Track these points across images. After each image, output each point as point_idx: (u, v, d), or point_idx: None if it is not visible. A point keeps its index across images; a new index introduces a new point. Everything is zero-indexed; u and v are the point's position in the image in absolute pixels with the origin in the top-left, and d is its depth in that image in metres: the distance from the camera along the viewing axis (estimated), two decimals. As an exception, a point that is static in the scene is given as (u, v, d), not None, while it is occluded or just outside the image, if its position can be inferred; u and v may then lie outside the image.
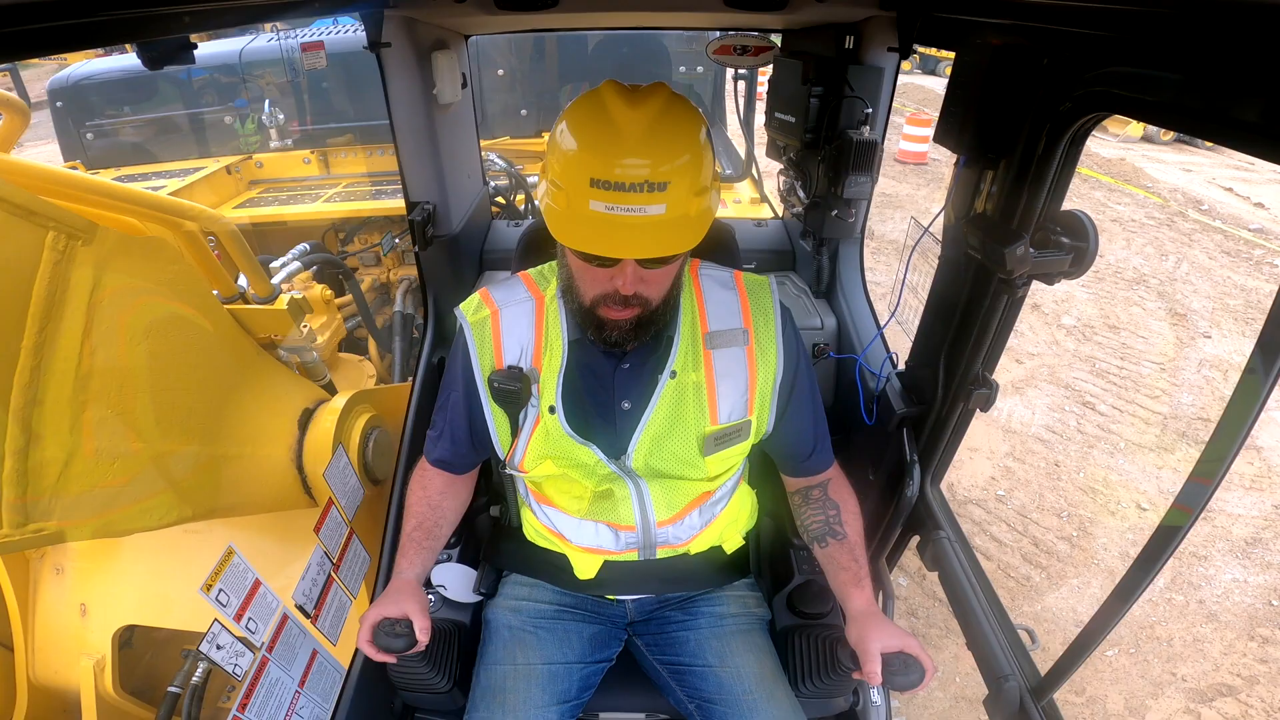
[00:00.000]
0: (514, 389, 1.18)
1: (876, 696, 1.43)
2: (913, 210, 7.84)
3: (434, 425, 1.35)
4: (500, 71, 4.21)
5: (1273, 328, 0.69)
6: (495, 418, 1.25)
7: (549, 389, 1.19)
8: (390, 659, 1.14)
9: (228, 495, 1.51)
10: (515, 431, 1.24)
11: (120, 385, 1.16)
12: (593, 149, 0.94)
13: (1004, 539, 3.41)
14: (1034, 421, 4.23)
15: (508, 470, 1.31)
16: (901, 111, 10.88)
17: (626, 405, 1.20)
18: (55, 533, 1.04)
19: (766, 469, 1.68)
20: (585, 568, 1.34)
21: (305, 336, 1.94)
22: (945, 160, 9.30)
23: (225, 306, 1.65)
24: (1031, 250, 1.00)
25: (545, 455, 1.22)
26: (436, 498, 1.34)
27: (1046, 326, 5.37)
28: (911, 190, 8.78)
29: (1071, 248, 1.00)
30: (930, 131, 9.46)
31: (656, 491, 1.25)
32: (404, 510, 1.34)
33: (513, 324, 1.22)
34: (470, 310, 1.25)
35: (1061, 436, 4.12)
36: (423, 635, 1.13)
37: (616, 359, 1.19)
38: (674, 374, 1.18)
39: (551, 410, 1.19)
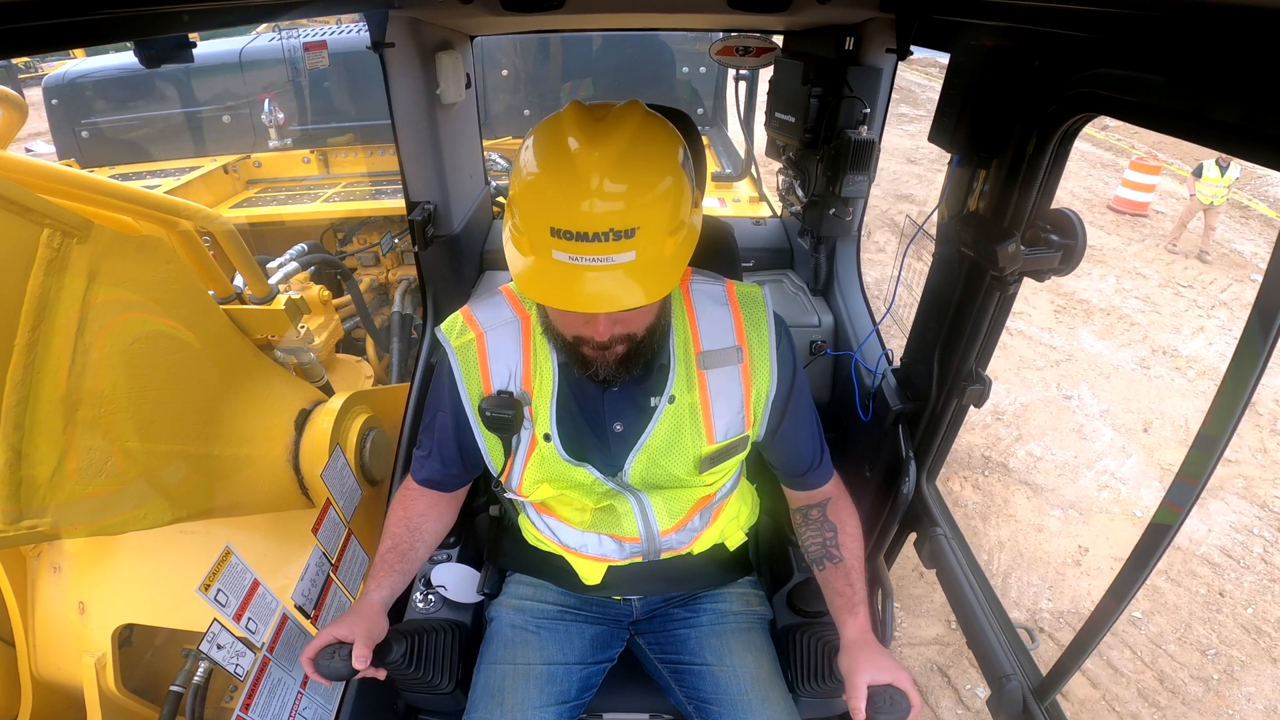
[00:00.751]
0: (506, 416, 1.13)
1: None
2: (1119, 268, 7.11)
3: (420, 445, 1.30)
4: (504, 72, 4.22)
5: (1252, 332, 0.70)
6: (488, 443, 1.22)
7: (542, 415, 1.16)
8: (327, 684, 1.11)
9: (223, 495, 1.50)
10: (509, 454, 1.21)
11: (113, 384, 1.15)
12: (552, 194, 0.86)
13: (1123, 667, 2.88)
14: (1207, 540, 3.61)
15: (506, 494, 1.30)
16: (1127, 154, 9.86)
17: (618, 428, 1.18)
18: (50, 530, 1.04)
19: (764, 467, 1.69)
20: (590, 574, 1.33)
21: (302, 337, 1.93)
22: (1168, 214, 8.44)
23: (222, 307, 1.64)
24: (1023, 248, 1.02)
25: (542, 479, 1.20)
26: (416, 519, 1.29)
27: (1257, 430, 4.54)
28: (1121, 245, 7.79)
29: (1061, 245, 1.01)
30: (1157, 180, 8.16)
31: (658, 502, 1.25)
32: (383, 529, 1.30)
33: (499, 347, 1.17)
34: (454, 333, 1.19)
35: (1238, 563, 3.48)
36: (359, 663, 1.06)
37: (606, 382, 1.16)
38: (673, 399, 1.15)
39: (547, 438, 1.17)
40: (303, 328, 1.90)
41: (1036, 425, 4.43)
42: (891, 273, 1.48)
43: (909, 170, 9.79)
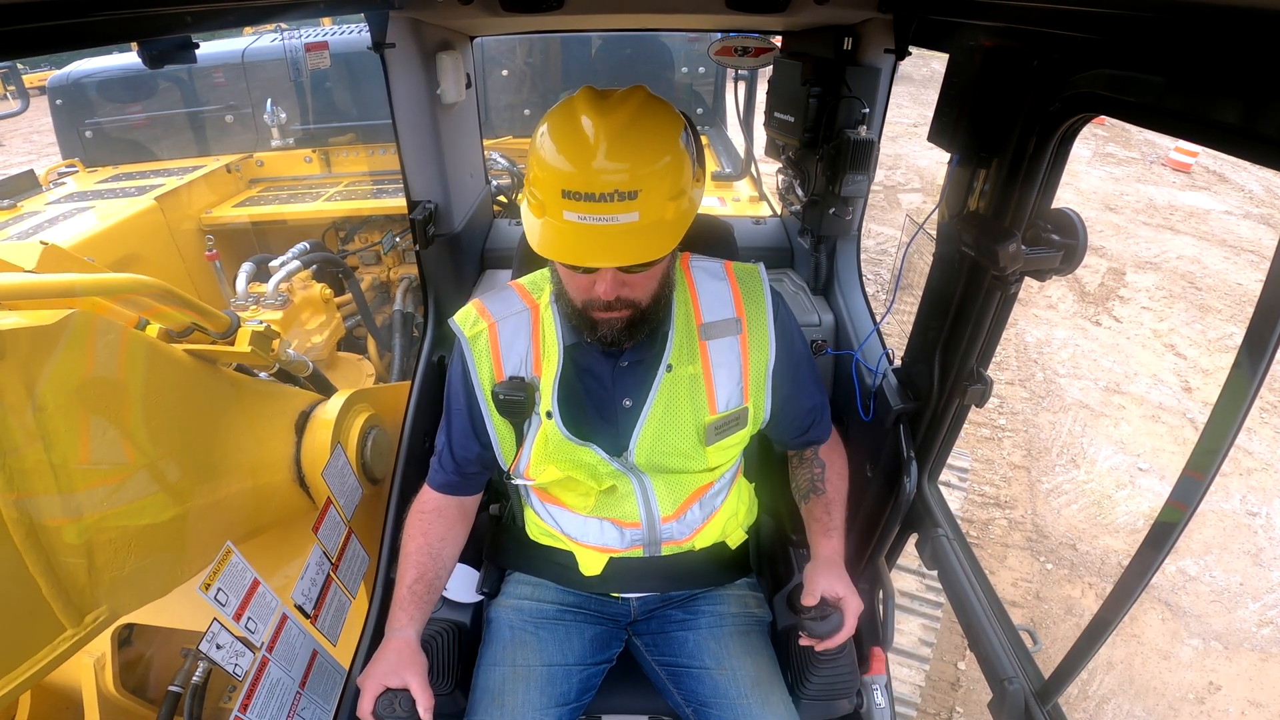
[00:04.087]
0: (518, 399, 1.18)
1: (880, 699, 1.43)
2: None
3: (437, 448, 1.33)
4: (504, 72, 4.24)
5: (1260, 323, 0.70)
6: (498, 430, 1.25)
7: (546, 395, 1.20)
8: None
9: (240, 528, 1.53)
10: (519, 442, 1.24)
11: (105, 469, 1.14)
12: (564, 160, 0.95)
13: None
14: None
15: (514, 480, 1.31)
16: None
17: (628, 403, 1.21)
18: (109, 615, 1.07)
19: (764, 466, 1.68)
20: (591, 564, 1.34)
21: (280, 352, 1.80)
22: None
23: (185, 347, 1.51)
24: (1023, 247, 1.01)
25: (547, 460, 1.22)
26: (438, 545, 1.30)
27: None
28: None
29: (1062, 245, 1.01)
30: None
31: (660, 487, 1.26)
32: (401, 556, 1.28)
33: (511, 336, 1.22)
34: (467, 324, 1.24)
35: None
36: (426, 715, 1.10)
37: (615, 358, 1.20)
38: (670, 367, 1.19)
39: (549, 415, 1.20)
40: (278, 342, 1.78)
41: (1200, 540, 3.74)
42: (891, 272, 1.48)
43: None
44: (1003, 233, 1.03)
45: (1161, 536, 0.85)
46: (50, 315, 1.07)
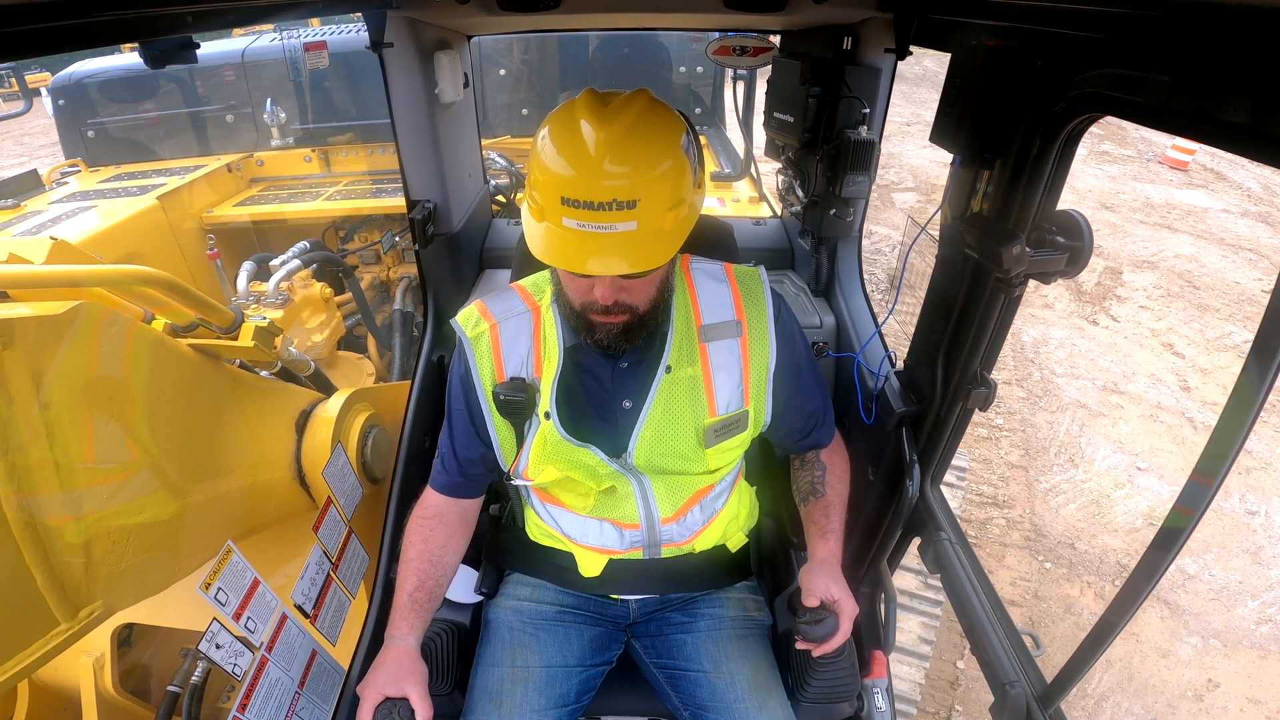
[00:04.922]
0: (519, 399, 1.19)
1: (881, 702, 1.43)
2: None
3: (439, 450, 1.33)
4: (502, 71, 4.24)
5: (1269, 328, 0.69)
6: (499, 430, 1.25)
7: (545, 395, 1.21)
8: None
9: (239, 525, 1.52)
10: (519, 442, 1.24)
11: (108, 465, 1.13)
12: (564, 166, 0.95)
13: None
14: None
15: (514, 481, 1.31)
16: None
17: (627, 404, 1.21)
18: (104, 611, 1.07)
19: (765, 468, 1.68)
20: (590, 565, 1.34)
21: (282, 350, 1.81)
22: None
23: (189, 341, 1.51)
24: (1028, 249, 1.01)
25: (546, 461, 1.22)
26: (438, 552, 1.29)
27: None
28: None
29: (1067, 247, 1.00)
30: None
31: (660, 488, 1.26)
32: (402, 563, 1.27)
33: (512, 337, 1.23)
34: (469, 325, 1.25)
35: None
36: None
37: (614, 359, 1.20)
38: (669, 369, 1.19)
39: (547, 416, 1.20)
40: (280, 339, 1.78)
41: (1200, 539, 3.71)
42: (890, 273, 1.47)
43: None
44: (1007, 235, 1.02)
45: (1168, 541, 0.84)
46: (58, 306, 1.07)
